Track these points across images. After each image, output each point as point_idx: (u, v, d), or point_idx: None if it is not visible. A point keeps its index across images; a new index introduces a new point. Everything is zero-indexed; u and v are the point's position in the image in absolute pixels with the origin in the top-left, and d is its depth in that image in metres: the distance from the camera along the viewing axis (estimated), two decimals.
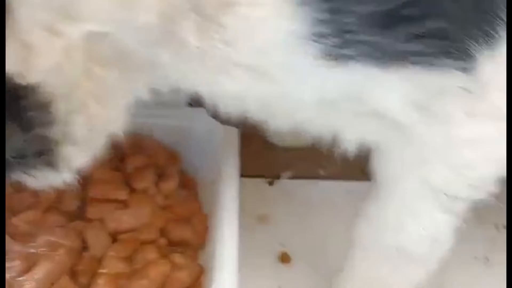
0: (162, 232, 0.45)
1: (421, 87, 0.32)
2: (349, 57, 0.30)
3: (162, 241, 0.44)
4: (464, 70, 0.31)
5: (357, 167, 0.43)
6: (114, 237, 0.43)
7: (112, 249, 0.41)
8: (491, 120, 0.33)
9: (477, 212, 0.56)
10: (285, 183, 0.60)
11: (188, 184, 0.53)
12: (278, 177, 0.61)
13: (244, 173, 0.60)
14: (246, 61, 0.31)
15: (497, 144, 0.34)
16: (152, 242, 0.43)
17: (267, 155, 0.63)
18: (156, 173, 0.49)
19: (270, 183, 0.61)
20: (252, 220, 0.56)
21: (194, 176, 0.54)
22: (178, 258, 0.42)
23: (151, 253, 0.41)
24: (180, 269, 0.41)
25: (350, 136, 0.36)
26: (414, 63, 0.30)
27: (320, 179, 0.60)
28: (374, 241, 0.40)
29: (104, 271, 0.40)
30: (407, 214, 0.37)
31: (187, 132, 0.54)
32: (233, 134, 0.52)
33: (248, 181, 0.60)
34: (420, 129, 0.34)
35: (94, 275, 0.41)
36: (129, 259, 0.41)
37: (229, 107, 0.35)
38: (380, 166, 0.38)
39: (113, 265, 0.40)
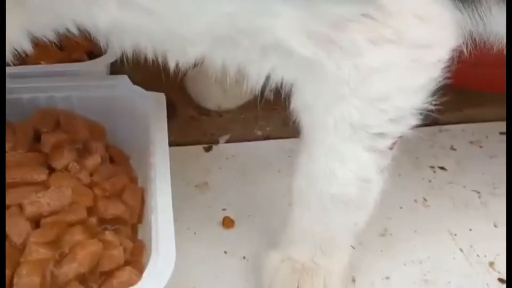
0: (91, 211, 0.42)
1: (318, 16, 0.31)
2: None
3: (92, 221, 0.41)
4: None
5: (294, 124, 0.42)
6: (36, 222, 0.39)
7: (34, 234, 0.38)
8: (395, 45, 0.32)
9: (414, 156, 0.58)
10: (223, 148, 0.59)
11: (117, 157, 0.49)
12: (215, 142, 0.59)
13: (180, 141, 0.58)
14: None
15: (405, 71, 0.34)
16: (80, 222, 0.40)
17: (201, 121, 0.61)
18: (78, 149, 0.45)
19: (207, 149, 0.59)
20: (192, 188, 0.54)
21: (124, 148, 0.51)
22: (110, 236, 0.40)
23: (78, 234, 0.38)
24: (113, 247, 0.39)
25: (256, 73, 0.34)
26: None
27: (258, 140, 0.59)
28: (310, 193, 0.39)
29: (26, 259, 0.36)
30: (333, 158, 0.37)
31: (111, 102, 0.51)
32: (160, 100, 0.49)
33: (185, 149, 0.58)
34: (327, 63, 0.32)
35: (16, 265, 0.37)
36: (54, 243, 0.38)
37: (120, 42, 0.33)
38: (298, 109, 0.36)
39: (35, 251, 0.37)
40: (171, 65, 0.35)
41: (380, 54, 0.32)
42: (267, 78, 0.35)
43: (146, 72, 0.44)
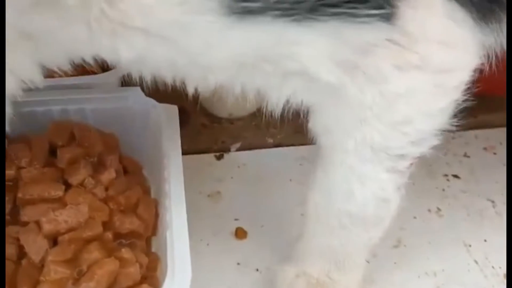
0: (107, 226, 0.42)
1: (345, 43, 0.31)
2: (254, 12, 0.28)
3: (108, 236, 0.41)
4: (387, 19, 0.30)
5: (305, 131, 0.41)
6: (54, 239, 0.40)
7: (52, 253, 0.38)
8: (420, 71, 0.32)
9: (428, 164, 0.58)
10: (234, 156, 0.59)
11: (131, 167, 0.50)
12: (226, 150, 0.59)
13: (192, 149, 0.58)
14: (136, 24, 0.29)
15: (429, 95, 0.34)
16: (96, 238, 0.40)
17: (213, 129, 0.61)
18: (93, 163, 0.46)
19: (219, 158, 0.59)
20: (204, 198, 0.54)
21: (138, 159, 0.51)
22: (126, 253, 0.40)
23: (95, 252, 0.39)
24: (129, 265, 0.39)
25: (276, 96, 0.34)
26: (331, 16, 0.29)
27: (269, 147, 0.59)
28: (326, 209, 0.39)
29: (45, 278, 0.37)
30: (353, 179, 0.37)
31: (124, 114, 0.51)
32: (173, 112, 0.49)
33: (196, 157, 0.58)
34: (351, 88, 0.32)
35: (35, 283, 0.37)
36: (72, 261, 0.38)
37: (140, 71, 0.33)
38: (317, 130, 0.36)
39: (54, 270, 0.37)
40: (190, 90, 0.35)
41: (405, 80, 0.32)
42: (287, 101, 0.35)
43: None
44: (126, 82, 0.55)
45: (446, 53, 0.32)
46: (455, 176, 0.56)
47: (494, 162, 0.58)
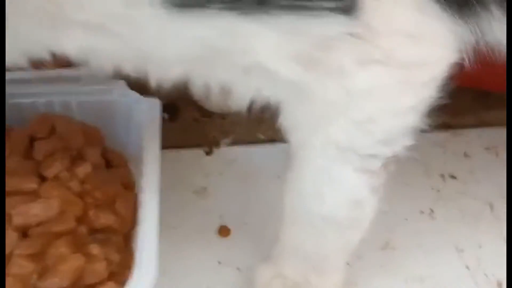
0: (82, 220, 0.42)
1: (301, 36, 0.29)
2: (196, 5, 0.27)
3: (82, 230, 0.41)
4: (347, 12, 0.28)
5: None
6: (24, 233, 0.39)
7: (19, 246, 0.38)
8: (384, 66, 0.30)
9: (424, 163, 0.55)
10: (224, 151, 0.57)
11: (116, 161, 0.49)
12: (216, 145, 0.58)
13: (182, 144, 0.57)
14: (75, 17, 0.28)
15: (394, 92, 0.32)
16: (68, 233, 0.40)
17: (204, 124, 0.60)
18: (72, 156, 0.45)
19: (208, 153, 0.58)
20: (190, 194, 0.53)
21: (124, 153, 0.50)
22: (95, 249, 0.39)
23: (62, 247, 0.38)
24: (95, 261, 0.38)
25: (241, 92, 0.33)
26: (282, 9, 0.27)
27: (260, 143, 0.58)
28: (301, 212, 0.38)
29: (10, 272, 0.36)
30: (322, 179, 0.35)
31: (109, 107, 0.50)
32: (155, 106, 0.48)
33: (185, 152, 0.57)
34: (313, 85, 0.31)
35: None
36: (39, 255, 0.38)
37: (97, 64, 0.32)
38: (286, 127, 0.35)
39: (20, 264, 0.37)
40: (152, 84, 0.34)
41: (367, 76, 0.30)
42: (253, 96, 0.33)
43: None
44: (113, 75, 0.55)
45: (414, 47, 0.30)
46: (452, 176, 0.54)
47: (496, 163, 0.55)
